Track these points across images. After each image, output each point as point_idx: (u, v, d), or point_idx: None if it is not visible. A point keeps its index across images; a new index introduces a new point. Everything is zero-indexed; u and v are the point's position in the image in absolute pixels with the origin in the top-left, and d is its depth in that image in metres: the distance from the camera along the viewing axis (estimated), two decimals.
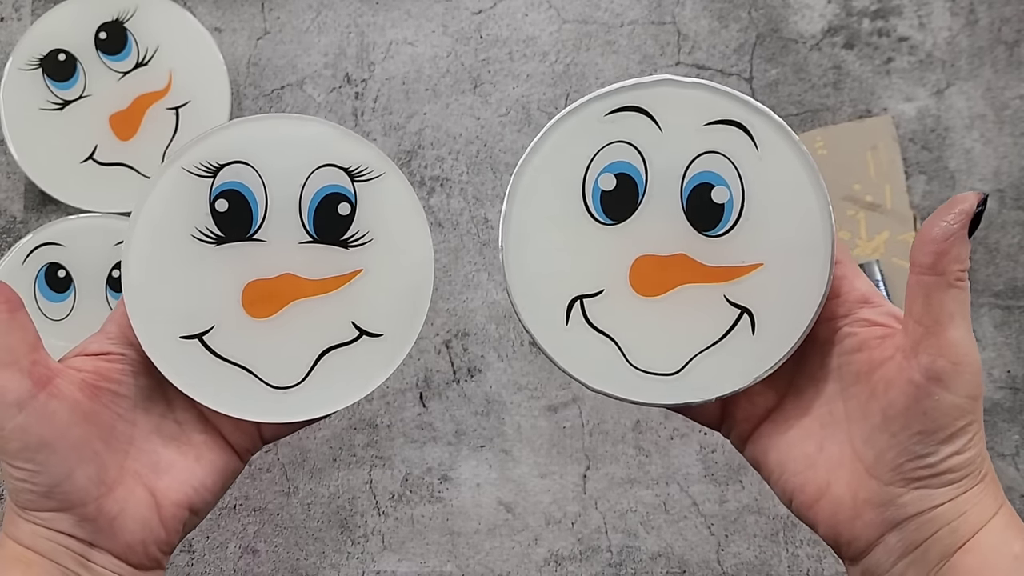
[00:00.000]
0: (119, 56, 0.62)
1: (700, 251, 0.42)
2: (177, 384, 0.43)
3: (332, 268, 0.45)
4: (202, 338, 0.44)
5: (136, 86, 0.62)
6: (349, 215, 0.44)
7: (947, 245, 0.36)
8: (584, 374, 0.42)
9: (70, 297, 0.60)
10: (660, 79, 0.42)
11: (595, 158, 0.42)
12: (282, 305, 0.45)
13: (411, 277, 0.45)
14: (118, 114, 0.62)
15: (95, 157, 0.62)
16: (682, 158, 0.42)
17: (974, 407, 0.35)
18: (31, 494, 0.38)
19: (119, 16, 0.62)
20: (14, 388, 0.37)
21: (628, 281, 0.42)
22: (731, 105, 0.42)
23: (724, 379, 0.41)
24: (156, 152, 0.62)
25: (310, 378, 0.44)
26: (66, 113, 0.62)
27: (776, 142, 0.42)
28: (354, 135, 0.44)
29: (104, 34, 0.62)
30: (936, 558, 0.36)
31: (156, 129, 0.62)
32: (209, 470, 0.43)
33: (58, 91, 0.62)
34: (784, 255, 0.41)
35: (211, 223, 0.44)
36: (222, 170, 0.44)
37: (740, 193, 0.42)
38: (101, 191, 0.61)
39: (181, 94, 0.62)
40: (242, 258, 0.44)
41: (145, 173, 0.62)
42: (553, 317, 0.42)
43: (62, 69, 0.62)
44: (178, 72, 0.62)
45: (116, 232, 0.61)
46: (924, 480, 0.36)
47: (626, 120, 0.42)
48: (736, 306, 0.42)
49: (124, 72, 0.62)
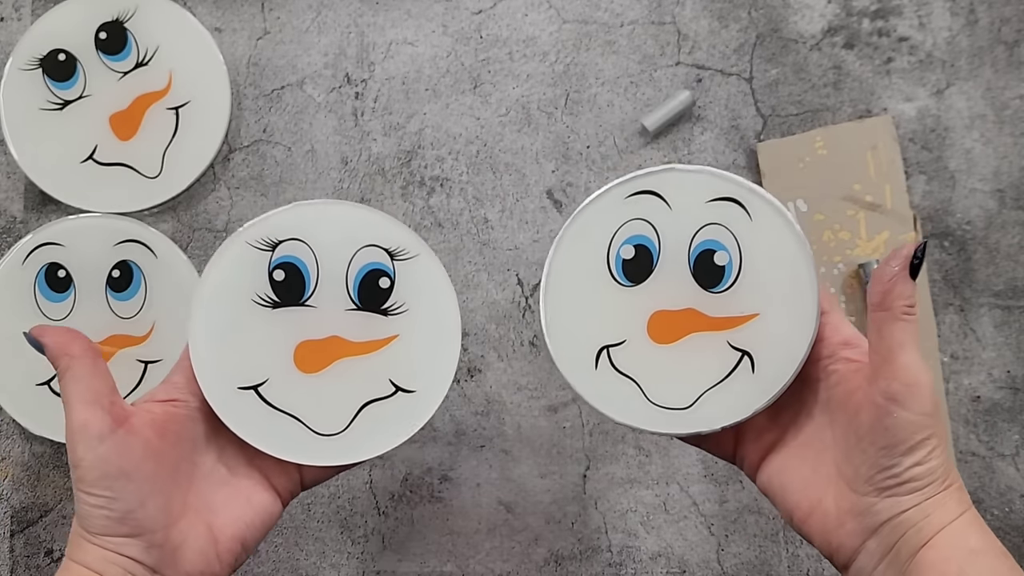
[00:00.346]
0: (119, 56, 0.62)
1: (706, 305, 0.49)
2: (234, 429, 0.49)
3: (373, 332, 0.51)
4: (257, 389, 0.50)
5: (136, 86, 0.62)
6: (389, 288, 0.52)
7: (891, 285, 0.42)
8: (611, 410, 0.50)
9: (70, 297, 0.60)
10: (668, 168, 0.50)
11: (617, 232, 0.51)
12: (329, 363, 0.51)
13: (440, 342, 0.52)
14: (118, 114, 0.62)
15: (95, 157, 0.62)
16: (689, 229, 0.50)
17: (930, 422, 0.41)
18: (106, 520, 0.42)
19: (119, 16, 0.62)
20: (97, 423, 0.43)
21: (646, 332, 0.50)
22: (729, 185, 0.50)
23: (729, 411, 0.48)
24: (156, 152, 0.62)
25: (352, 427, 0.51)
26: (66, 113, 0.62)
27: (767, 213, 0.49)
28: (396, 220, 0.51)
29: (104, 34, 0.62)
30: (905, 556, 0.41)
31: (156, 129, 0.62)
32: (257, 511, 0.48)
33: (58, 91, 0.62)
34: (777, 306, 0.49)
35: (269, 290, 0.51)
36: (280, 245, 0.51)
37: (738, 256, 0.49)
38: (101, 191, 0.61)
39: (181, 94, 0.62)
40: (295, 321, 0.51)
41: (145, 173, 0.62)
42: (585, 364, 0.50)
43: (62, 69, 0.62)
44: (178, 72, 0.62)
45: (116, 232, 0.61)
46: (892, 489, 0.42)
47: (642, 201, 0.50)
48: (738, 350, 0.49)
49: (124, 72, 0.62)
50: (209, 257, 0.56)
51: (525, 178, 0.63)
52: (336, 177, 0.63)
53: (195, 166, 0.62)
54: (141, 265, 0.60)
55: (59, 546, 0.61)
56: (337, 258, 0.52)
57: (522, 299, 0.62)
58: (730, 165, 0.62)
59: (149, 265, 0.60)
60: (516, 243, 0.62)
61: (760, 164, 0.61)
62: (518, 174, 0.63)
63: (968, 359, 0.61)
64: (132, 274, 0.60)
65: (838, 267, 0.60)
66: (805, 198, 0.61)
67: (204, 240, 0.63)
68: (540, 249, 0.62)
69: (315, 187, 0.63)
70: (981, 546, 0.41)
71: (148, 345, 0.60)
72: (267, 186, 0.63)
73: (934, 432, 0.41)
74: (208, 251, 0.63)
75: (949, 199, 0.61)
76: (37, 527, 0.61)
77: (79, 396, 0.44)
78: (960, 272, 0.61)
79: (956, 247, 0.61)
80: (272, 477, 0.50)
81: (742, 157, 0.62)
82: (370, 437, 0.51)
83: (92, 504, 0.43)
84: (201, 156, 0.62)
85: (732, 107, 0.62)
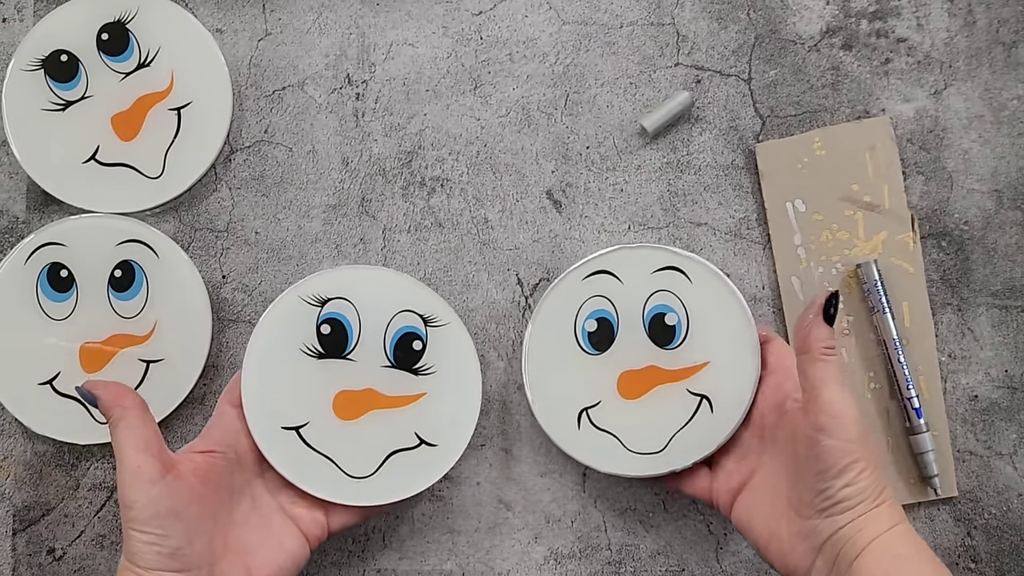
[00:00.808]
0: (121, 57, 0.62)
1: (664, 360, 0.57)
2: (274, 464, 0.55)
3: (404, 389, 0.57)
4: (299, 431, 0.56)
5: (138, 87, 0.62)
6: (420, 350, 0.57)
7: (808, 330, 0.48)
8: (597, 463, 0.57)
9: (72, 296, 0.60)
10: (616, 248, 0.58)
11: (580, 309, 0.58)
12: (363, 412, 0.57)
13: (463, 404, 0.57)
14: (120, 115, 0.62)
15: (97, 157, 0.62)
16: (640, 298, 0.58)
17: (855, 447, 0.46)
18: (158, 555, 0.46)
19: (121, 17, 0.62)
20: (148, 469, 0.47)
21: (617, 391, 0.58)
22: (668, 256, 0.58)
23: (698, 448, 0.56)
24: (158, 153, 0.62)
25: (379, 472, 0.56)
26: (68, 114, 0.62)
27: (704, 275, 0.57)
28: (430, 290, 0.57)
29: (106, 35, 0.62)
30: (844, 568, 0.46)
31: (158, 130, 0.62)
32: (288, 554, 0.53)
33: (60, 92, 0.62)
34: (724, 351, 0.57)
35: (316, 342, 0.56)
36: (329, 302, 0.57)
37: (685, 316, 0.57)
38: (103, 191, 0.62)
39: (183, 95, 0.62)
40: (336, 372, 0.56)
41: (147, 173, 0.62)
42: (568, 426, 0.57)
43: (64, 70, 0.62)
44: (180, 73, 0.62)
45: (118, 232, 0.61)
46: (829, 509, 0.47)
47: (598, 280, 0.58)
48: (697, 395, 0.57)
49: (126, 73, 0.62)
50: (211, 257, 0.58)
51: (525, 178, 0.63)
52: (337, 178, 0.63)
53: (197, 167, 0.62)
54: (143, 265, 0.61)
55: (61, 545, 0.62)
56: (377, 319, 0.57)
57: (522, 299, 0.62)
58: (729, 165, 0.62)
59: (151, 265, 0.61)
60: (516, 243, 0.62)
61: (759, 165, 0.61)
62: (518, 174, 0.63)
63: (966, 359, 0.61)
64: (134, 274, 0.60)
65: (836, 267, 0.61)
66: (803, 198, 0.61)
67: (206, 240, 0.63)
68: (540, 249, 0.62)
69: (316, 188, 0.63)
70: (908, 552, 0.46)
71: (150, 345, 0.60)
72: (268, 187, 0.63)
73: (860, 456, 0.46)
74: (210, 251, 0.63)
75: (947, 199, 0.62)
76: (39, 526, 0.62)
77: (132, 444, 0.48)
78: (958, 272, 0.61)
79: (954, 247, 0.61)
80: (302, 524, 0.54)
81: (740, 158, 0.62)
82: (394, 483, 0.56)
83: (144, 541, 0.46)
84: (203, 157, 0.62)
85: (731, 108, 0.62)
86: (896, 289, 0.60)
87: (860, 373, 0.60)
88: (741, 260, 0.62)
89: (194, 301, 0.61)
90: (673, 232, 0.62)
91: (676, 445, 0.56)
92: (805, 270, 0.61)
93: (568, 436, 0.57)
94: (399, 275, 0.58)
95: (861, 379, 0.60)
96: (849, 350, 0.60)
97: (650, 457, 0.57)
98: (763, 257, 0.62)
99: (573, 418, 0.58)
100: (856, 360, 0.60)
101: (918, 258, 0.61)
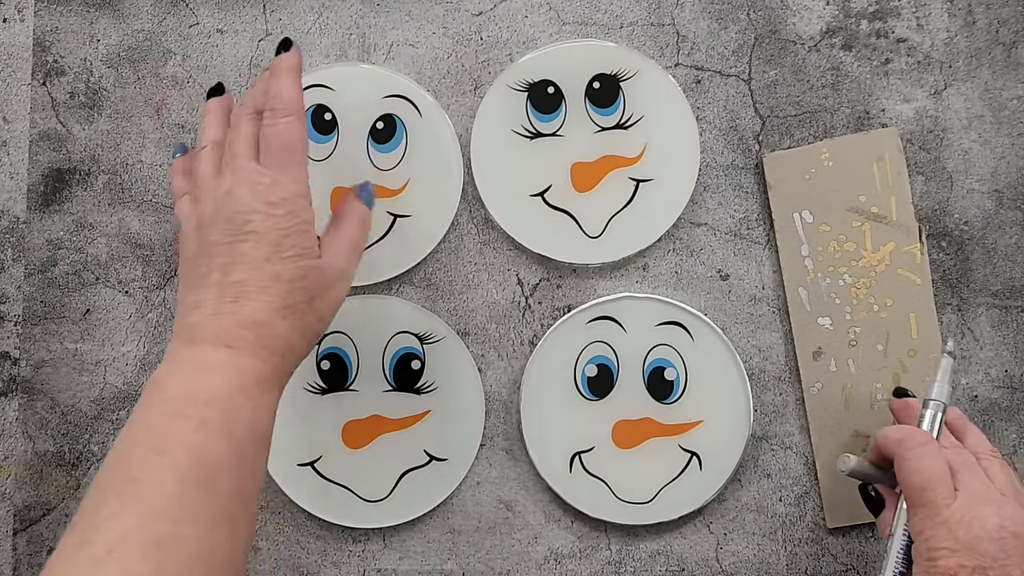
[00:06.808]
0: (605, 110, 0.61)
1: (659, 414, 0.59)
2: (295, 499, 0.58)
3: (408, 409, 0.59)
4: (313, 465, 0.59)
5: (609, 145, 0.61)
6: (420, 369, 0.59)
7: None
8: (586, 507, 0.59)
9: (333, 140, 0.61)
10: (623, 296, 0.59)
11: (581, 354, 0.59)
12: (371, 439, 0.59)
13: (467, 415, 0.59)
14: (582, 164, 0.61)
15: (546, 196, 0.61)
16: (642, 350, 0.59)
17: None
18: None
19: (618, 72, 0.61)
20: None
21: (611, 439, 0.59)
22: (673, 310, 0.59)
23: (684, 503, 0.59)
24: (603, 215, 0.61)
25: (394, 493, 0.59)
26: (535, 144, 0.61)
27: (706, 334, 0.59)
28: (423, 309, 0.59)
29: (598, 84, 0.61)
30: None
31: (613, 193, 0.61)
32: None
33: (536, 121, 0.61)
34: (718, 412, 0.58)
35: (318, 378, 0.59)
36: (325, 337, 0.58)
37: (684, 372, 0.59)
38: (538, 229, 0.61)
39: (648, 169, 0.61)
40: (341, 404, 0.59)
41: (587, 231, 0.61)
42: (561, 469, 0.59)
43: (547, 102, 0.61)
44: (652, 146, 0.61)
45: (385, 85, 0.62)
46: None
47: (601, 326, 0.59)
48: (687, 451, 0.58)
49: (603, 128, 0.61)
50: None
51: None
52: None
53: (639, 240, 0.61)
54: (405, 121, 0.61)
55: None
56: (374, 346, 0.59)
57: (522, 299, 0.62)
58: (729, 165, 0.62)
59: (413, 122, 0.61)
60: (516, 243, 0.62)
61: (766, 176, 0.61)
62: None
63: (966, 358, 0.61)
64: (396, 127, 0.61)
65: (843, 278, 0.60)
66: (811, 209, 0.61)
67: None
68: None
69: None
70: None
71: (400, 199, 0.61)
72: None
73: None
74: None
75: (947, 199, 0.62)
76: (40, 526, 0.62)
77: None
78: (958, 272, 0.61)
79: (954, 247, 0.61)
80: None
81: (740, 158, 0.62)
82: (410, 501, 0.59)
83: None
84: (648, 232, 0.61)
85: (731, 108, 0.62)
86: (903, 301, 0.60)
87: (867, 384, 0.60)
88: (741, 260, 0.62)
89: (449, 163, 0.61)
90: (673, 232, 0.62)
91: (664, 497, 0.59)
92: (812, 281, 0.61)
93: (559, 479, 0.59)
94: (387, 299, 0.59)
95: (869, 389, 0.60)
96: (856, 360, 0.60)
97: (638, 507, 0.59)
98: (763, 257, 0.62)
99: (566, 461, 0.59)
100: (863, 370, 0.60)
101: (925, 270, 0.60)
